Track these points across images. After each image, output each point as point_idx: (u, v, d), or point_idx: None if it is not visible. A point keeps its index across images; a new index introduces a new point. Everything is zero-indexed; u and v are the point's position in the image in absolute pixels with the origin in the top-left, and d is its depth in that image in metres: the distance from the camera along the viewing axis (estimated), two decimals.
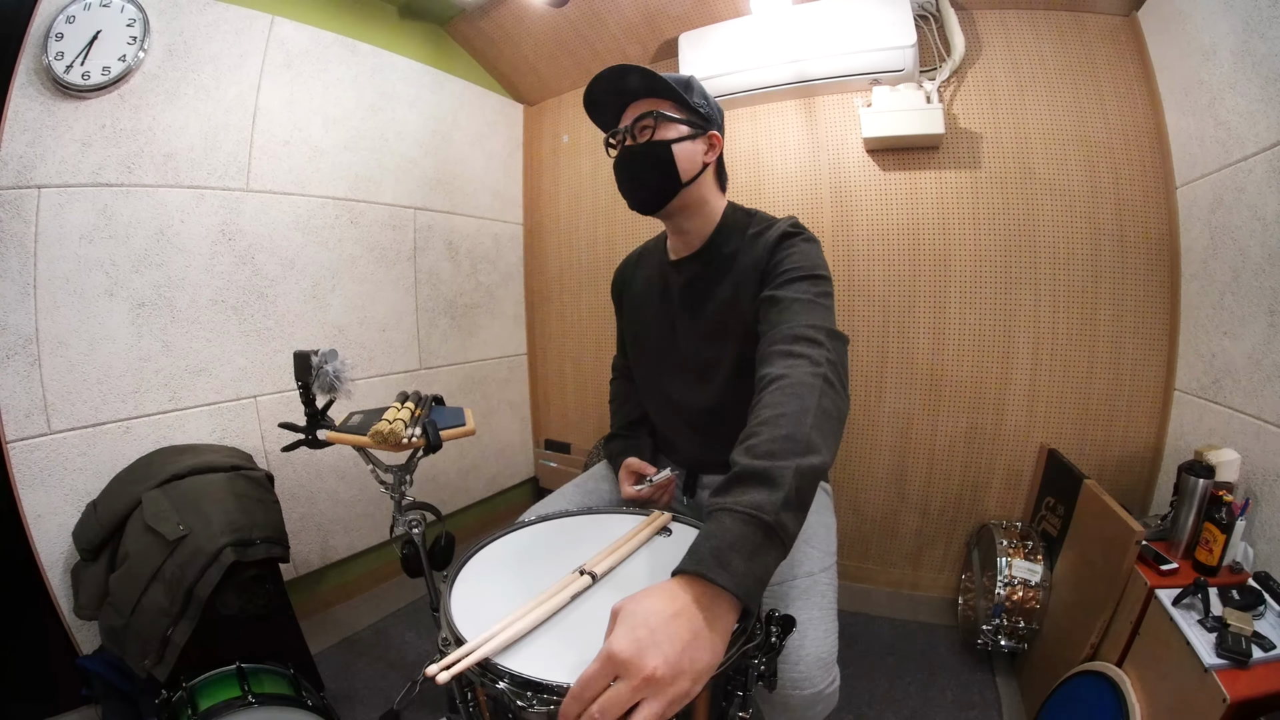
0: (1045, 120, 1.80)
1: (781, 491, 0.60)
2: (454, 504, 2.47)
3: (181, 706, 1.11)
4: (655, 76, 0.94)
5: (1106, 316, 1.77)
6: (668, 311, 1.10)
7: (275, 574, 1.41)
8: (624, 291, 1.23)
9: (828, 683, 0.84)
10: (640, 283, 1.18)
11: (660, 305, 1.12)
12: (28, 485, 1.38)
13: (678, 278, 1.08)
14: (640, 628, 0.52)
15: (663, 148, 0.95)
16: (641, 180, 0.99)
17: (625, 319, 1.24)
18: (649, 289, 1.15)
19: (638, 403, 1.25)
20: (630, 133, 0.98)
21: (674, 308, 1.09)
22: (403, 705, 1.53)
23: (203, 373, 1.69)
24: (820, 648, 0.85)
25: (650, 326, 1.14)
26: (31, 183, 1.37)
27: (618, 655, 0.50)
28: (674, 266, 1.09)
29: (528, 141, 2.76)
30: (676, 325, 1.09)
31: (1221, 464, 1.25)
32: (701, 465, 1.15)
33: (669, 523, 0.90)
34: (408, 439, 1.22)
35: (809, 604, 0.90)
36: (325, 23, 1.94)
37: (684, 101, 0.96)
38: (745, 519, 0.59)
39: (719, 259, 1.02)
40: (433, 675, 0.57)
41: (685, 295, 1.06)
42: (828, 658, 0.85)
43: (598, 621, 0.68)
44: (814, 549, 0.99)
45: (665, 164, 0.96)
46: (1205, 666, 0.96)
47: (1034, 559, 1.58)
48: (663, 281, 1.12)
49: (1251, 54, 1.29)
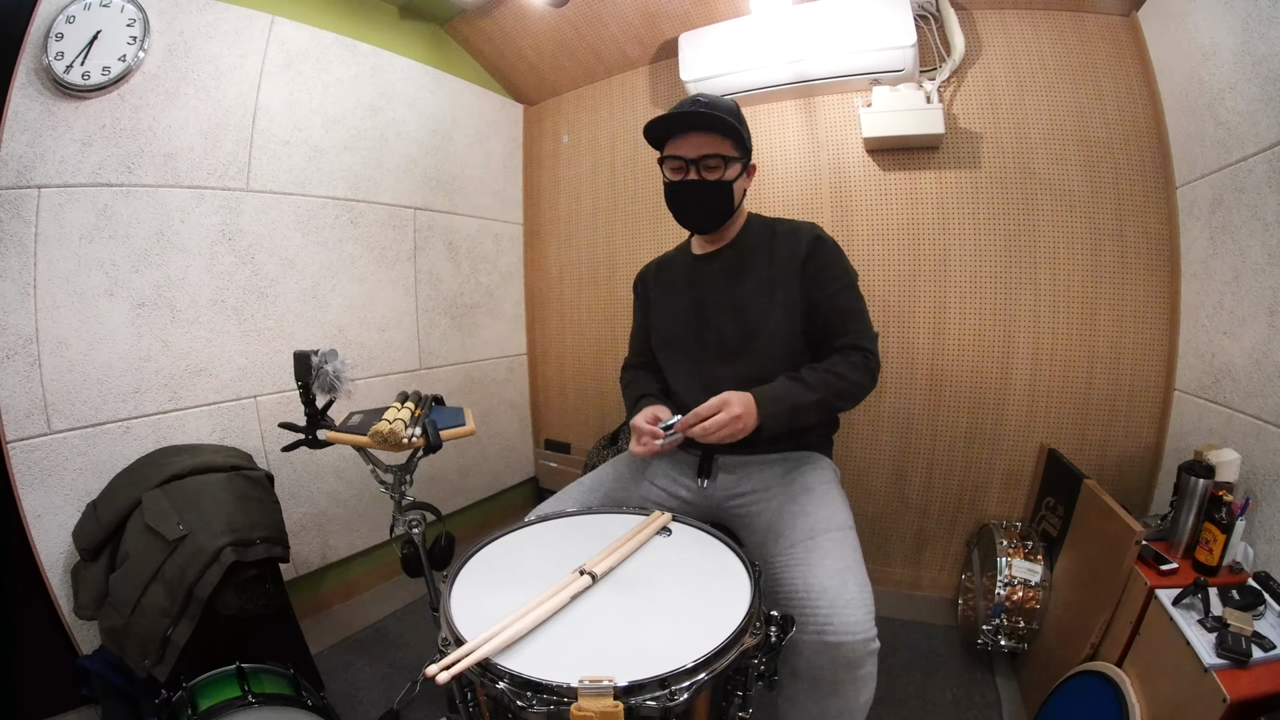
0: (1045, 120, 1.80)
1: (812, 396, 1.06)
2: (454, 504, 2.47)
3: (181, 706, 1.10)
4: (727, 122, 1.09)
5: (1106, 316, 1.77)
6: (697, 297, 1.24)
7: (275, 574, 1.41)
8: (649, 287, 1.37)
9: (873, 634, 0.84)
10: (666, 279, 1.33)
11: (689, 292, 1.26)
12: (28, 485, 1.38)
13: (710, 267, 1.24)
14: (739, 399, 1.01)
15: (727, 187, 1.13)
16: (706, 211, 1.18)
17: (653, 310, 1.34)
18: (675, 281, 1.30)
19: (655, 380, 1.35)
20: (696, 166, 1.12)
21: (703, 293, 1.23)
22: (403, 705, 1.53)
23: (203, 373, 1.69)
24: (864, 593, 0.87)
25: (680, 314, 1.27)
26: (31, 183, 1.37)
27: (726, 401, 1.00)
28: (704, 259, 1.26)
29: (528, 141, 2.76)
30: (709, 308, 1.22)
31: (1221, 464, 1.25)
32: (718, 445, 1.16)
33: (669, 523, 0.90)
34: (408, 439, 1.22)
35: (842, 554, 0.92)
36: (325, 23, 1.94)
37: (740, 140, 1.13)
38: (794, 389, 1.06)
39: (751, 250, 1.20)
40: (433, 675, 0.57)
41: (719, 280, 1.22)
42: (869, 606, 0.86)
43: (598, 621, 0.69)
44: (837, 510, 1.04)
45: (727, 200, 1.15)
46: (1205, 666, 0.96)
47: (1034, 559, 1.58)
48: (691, 273, 1.28)
49: (1251, 54, 1.29)
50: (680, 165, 1.13)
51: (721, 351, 1.20)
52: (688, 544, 0.88)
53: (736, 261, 1.21)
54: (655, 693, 0.57)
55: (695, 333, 1.23)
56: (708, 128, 1.11)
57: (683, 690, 0.58)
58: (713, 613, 0.69)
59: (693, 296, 1.25)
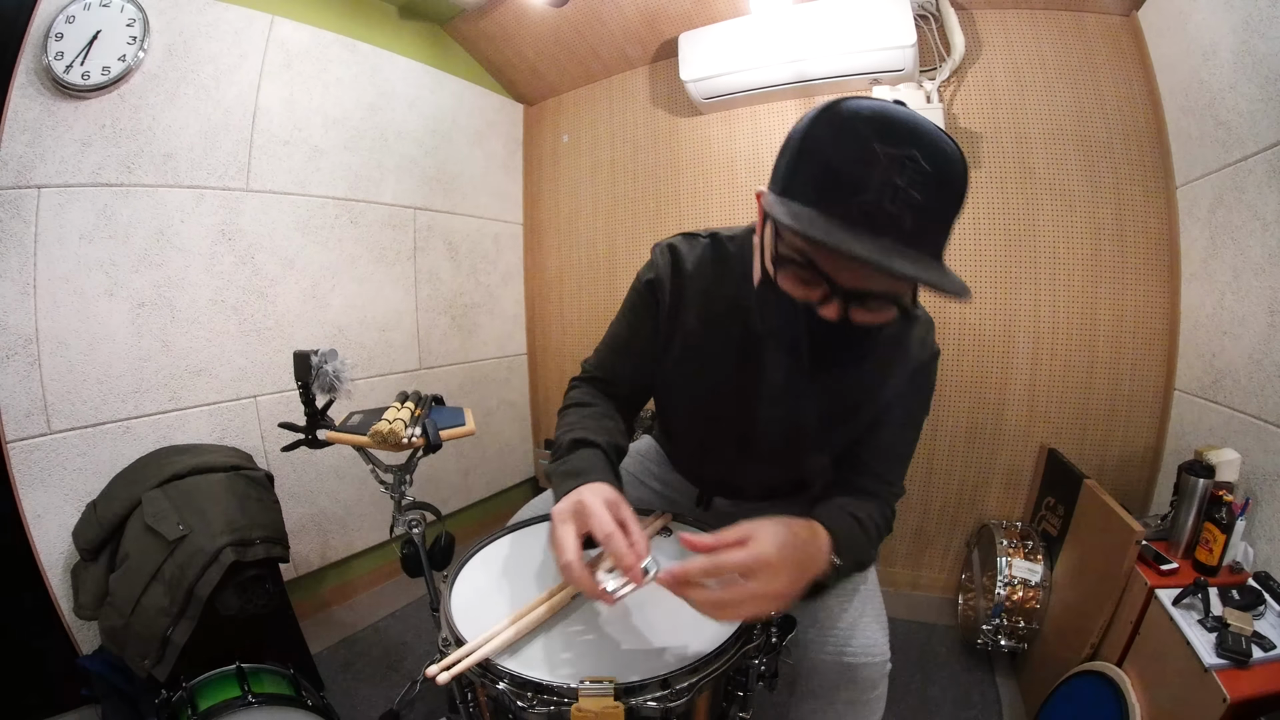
0: (1045, 120, 1.79)
1: (871, 552, 0.81)
2: (454, 504, 2.47)
3: (181, 706, 1.10)
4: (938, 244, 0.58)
5: (1106, 316, 1.77)
6: (761, 368, 0.81)
7: (275, 574, 1.41)
8: (678, 305, 0.85)
9: (888, 656, 0.84)
10: (714, 315, 0.83)
11: (747, 354, 0.81)
12: (28, 485, 1.38)
13: (807, 328, 0.66)
14: (788, 548, 0.60)
15: (878, 331, 0.65)
16: (821, 356, 0.68)
17: (678, 348, 0.86)
18: (729, 328, 0.82)
19: (621, 421, 0.91)
20: (847, 300, 0.60)
21: (777, 370, 0.80)
22: (403, 705, 1.53)
23: (203, 373, 1.69)
24: (882, 616, 0.86)
25: (728, 388, 0.85)
26: (31, 183, 1.37)
27: (767, 564, 0.58)
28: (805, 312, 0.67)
29: (528, 141, 2.76)
30: (782, 393, 0.81)
31: (1221, 464, 1.25)
32: (721, 488, 1.01)
33: (669, 523, 0.90)
34: (408, 439, 1.22)
35: (862, 575, 0.91)
36: (325, 22, 1.94)
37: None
38: (865, 539, 0.76)
39: (865, 330, 0.65)
40: (433, 676, 0.57)
41: (806, 357, 0.69)
42: (886, 628, 0.86)
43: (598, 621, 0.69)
44: None
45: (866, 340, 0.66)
46: (1205, 666, 0.96)
47: (1034, 559, 1.58)
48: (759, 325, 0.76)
49: (1251, 54, 1.29)
50: (821, 289, 0.61)
51: (772, 451, 0.86)
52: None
53: (848, 349, 0.68)
54: (656, 693, 0.57)
55: (743, 416, 0.84)
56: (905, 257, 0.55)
57: (683, 691, 0.58)
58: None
59: (752, 365, 0.81)
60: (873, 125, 0.54)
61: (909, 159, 0.52)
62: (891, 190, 0.52)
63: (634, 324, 0.90)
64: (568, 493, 0.68)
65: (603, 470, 0.74)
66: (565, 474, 0.74)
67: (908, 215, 0.53)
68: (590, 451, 0.77)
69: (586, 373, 0.96)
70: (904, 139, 0.53)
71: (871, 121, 0.54)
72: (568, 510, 0.65)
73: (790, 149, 0.61)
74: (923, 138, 0.53)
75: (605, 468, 0.76)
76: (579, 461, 0.75)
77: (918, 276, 0.52)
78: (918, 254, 0.54)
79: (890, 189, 0.52)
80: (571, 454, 0.77)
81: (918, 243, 0.54)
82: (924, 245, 0.55)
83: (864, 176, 0.53)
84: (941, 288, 0.53)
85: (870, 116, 0.54)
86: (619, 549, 0.60)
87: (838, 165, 0.55)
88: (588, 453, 0.77)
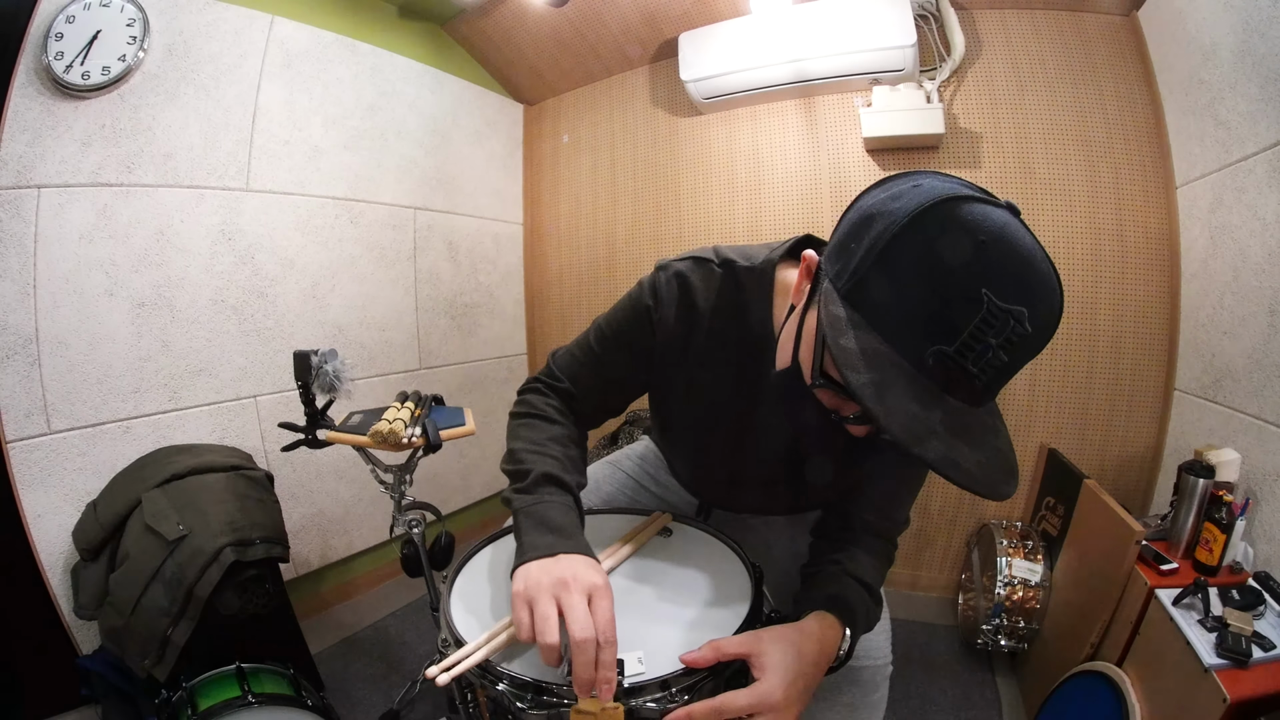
0: (1045, 120, 1.80)
1: (878, 613, 0.75)
2: (454, 504, 2.47)
3: (181, 706, 1.11)
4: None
5: (1106, 316, 1.77)
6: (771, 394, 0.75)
7: (275, 574, 1.41)
8: (672, 347, 0.78)
9: (890, 659, 0.86)
10: (725, 359, 0.77)
11: (756, 375, 0.75)
12: (28, 485, 1.38)
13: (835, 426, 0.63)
14: (797, 681, 0.57)
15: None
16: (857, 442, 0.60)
17: (685, 360, 0.79)
18: (752, 378, 0.76)
19: (579, 447, 0.85)
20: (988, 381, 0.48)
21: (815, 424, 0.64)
22: (403, 705, 1.53)
23: (203, 373, 1.69)
24: (885, 619, 0.87)
25: (736, 396, 0.79)
26: (31, 182, 1.37)
27: (773, 706, 0.54)
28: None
29: (528, 141, 2.75)
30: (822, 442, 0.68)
31: (1221, 464, 1.25)
32: (721, 501, 0.98)
33: (669, 523, 0.90)
34: (408, 439, 1.22)
35: None
36: (325, 22, 1.94)
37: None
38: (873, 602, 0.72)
39: None
40: (433, 677, 0.57)
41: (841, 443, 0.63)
42: (888, 632, 0.87)
43: None
44: None
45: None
46: (1205, 666, 0.96)
47: (1034, 559, 1.58)
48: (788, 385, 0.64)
49: (1251, 54, 1.29)
50: (857, 411, 0.55)
51: (776, 483, 0.84)
52: (688, 544, 0.87)
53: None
54: (656, 694, 0.57)
55: (748, 453, 0.81)
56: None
57: (684, 691, 0.58)
58: (713, 613, 0.69)
59: (765, 409, 0.77)
60: (988, 260, 0.44)
61: (1014, 317, 0.44)
62: (981, 350, 0.44)
63: (617, 347, 0.84)
64: (543, 552, 0.61)
65: (578, 530, 0.67)
66: (538, 522, 0.66)
67: (987, 377, 0.46)
68: (563, 498, 0.71)
69: (554, 378, 0.90)
70: (1019, 291, 0.44)
71: (988, 254, 0.44)
72: (548, 585, 0.58)
73: (874, 238, 0.48)
74: (1036, 291, 0.45)
75: (578, 524, 0.69)
76: (553, 512, 0.67)
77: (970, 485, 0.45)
78: (975, 415, 0.49)
79: (980, 349, 0.44)
80: (541, 491, 0.70)
81: (981, 399, 0.49)
82: (985, 400, 0.50)
83: (957, 324, 0.44)
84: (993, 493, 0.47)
85: (989, 243, 0.44)
86: (583, 673, 0.53)
87: (933, 303, 0.45)
88: (560, 500, 0.70)
